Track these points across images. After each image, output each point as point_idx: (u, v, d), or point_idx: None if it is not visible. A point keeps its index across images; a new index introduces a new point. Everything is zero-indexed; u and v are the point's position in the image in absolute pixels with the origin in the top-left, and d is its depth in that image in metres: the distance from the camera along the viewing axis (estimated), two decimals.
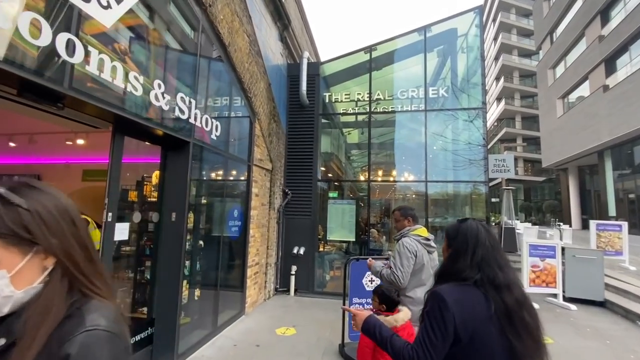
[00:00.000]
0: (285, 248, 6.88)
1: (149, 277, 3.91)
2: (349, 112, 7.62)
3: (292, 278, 6.69)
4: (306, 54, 7.12)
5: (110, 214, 3.03)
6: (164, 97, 3.29)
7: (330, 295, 6.57)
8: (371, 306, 2.76)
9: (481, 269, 1.22)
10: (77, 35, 2.34)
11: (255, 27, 5.48)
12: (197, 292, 4.52)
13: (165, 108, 3.34)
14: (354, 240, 7.25)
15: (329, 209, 7.24)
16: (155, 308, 3.71)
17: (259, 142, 5.82)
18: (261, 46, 5.75)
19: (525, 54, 35.08)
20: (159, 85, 3.23)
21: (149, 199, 4.25)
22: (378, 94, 7.29)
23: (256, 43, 5.54)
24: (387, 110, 7.33)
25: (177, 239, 3.73)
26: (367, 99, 7.26)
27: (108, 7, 2.61)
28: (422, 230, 2.89)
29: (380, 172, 8.16)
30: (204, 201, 4.65)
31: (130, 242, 4.33)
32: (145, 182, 4.37)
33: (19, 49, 1.99)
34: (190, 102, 3.77)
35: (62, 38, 2.22)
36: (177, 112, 3.54)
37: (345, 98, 7.47)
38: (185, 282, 4.40)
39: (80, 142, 5.61)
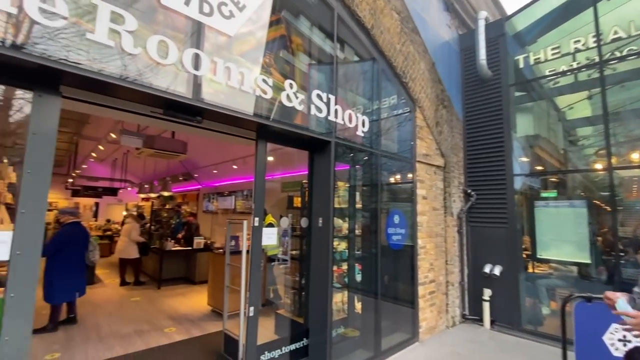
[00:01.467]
0: (473, 265, 5.41)
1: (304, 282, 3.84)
2: (562, 71, 5.26)
3: (486, 305, 5.11)
4: (483, 14, 5.52)
5: (257, 219, 3.09)
6: (297, 97, 3.14)
7: (548, 338, 4.53)
8: None
9: None
10: (201, 49, 2.47)
11: (406, 1, 4.68)
12: (358, 306, 4.10)
13: (299, 108, 3.17)
14: (588, 261, 4.78)
15: (538, 214, 5.14)
16: (309, 317, 3.55)
17: (422, 133, 4.87)
18: (418, 22, 4.86)
19: None
20: (291, 85, 3.10)
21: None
22: (615, 33, 4.63)
23: (410, 19, 4.72)
24: (636, 50, 4.51)
25: (324, 245, 3.45)
26: (595, 44, 4.75)
27: (231, 16, 2.68)
28: None
29: (634, 155, 5.12)
30: (358, 206, 4.24)
31: (295, 246, 4.50)
32: (306, 189, 4.45)
33: (154, 69, 2.24)
34: (328, 99, 3.47)
35: (188, 54, 2.38)
36: (313, 111, 3.31)
37: (553, 54, 5.21)
38: (345, 292, 4.10)
39: (270, 159, 6.63)
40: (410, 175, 4.70)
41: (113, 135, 5.47)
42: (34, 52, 1.81)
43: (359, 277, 4.18)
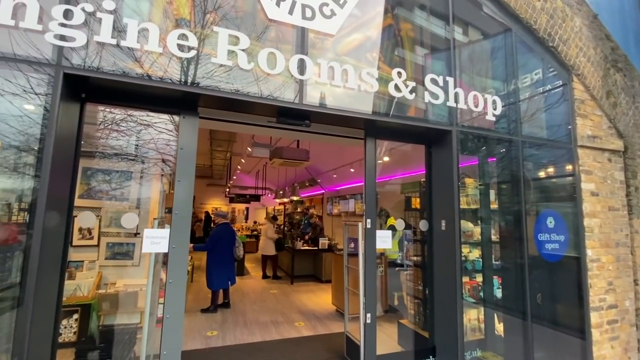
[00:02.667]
0: None
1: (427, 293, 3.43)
2: None
3: None
4: None
5: (369, 220, 2.95)
6: (406, 86, 2.85)
7: None
8: None
9: None
10: (306, 53, 2.53)
11: None
12: (499, 327, 3.40)
13: (410, 97, 2.86)
14: None
15: None
16: (436, 333, 3.14)
17: (585, 109, 3.69)
18: None
19: None
20: (399, 74, 2.84)
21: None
22: None
23: None
24: None
25: (450, 251, 2.99)
26: None
27: (332, 15, 2.66)
28: None
29: None
30: (493, 206, 3.53)
31: (416, 250, 4.13)
32: (424, 188, 4.05)
33: (265, 80, 2.41)
34: (445, 82, 3.03)
35: (294, 60, 2.47)
36: (427, 98, 2.94)
37: None
38: (481, 308, 3.49)
39: (386, 159, 6.39)
40: (569, 166, 3.63)
41: (249, 149, 6.43)
42: (199, 84, 2.20)
43: (498, 293, 3.47)
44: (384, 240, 2.98)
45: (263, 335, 4.49)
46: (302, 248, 8.08)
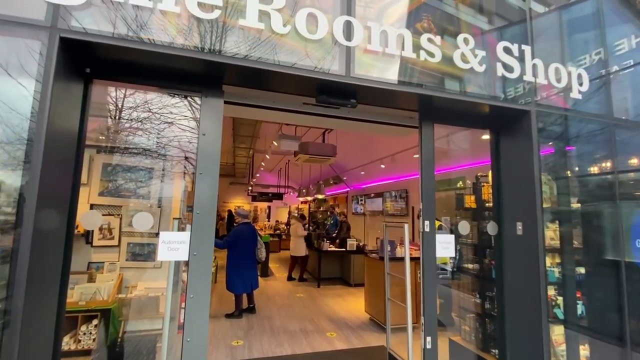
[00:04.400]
0: None
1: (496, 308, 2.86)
2: None
3: None
4: None
5: (427, 223, 2.42)
6: (475, 55, 2.29)
7: None
8: None
9: None
10: (353, 14, 2.03)
11: None
12: (585, 350, 2.78)
13: (480, 69, 2.30)
14: None
15: None
16: (508, 358, 2.57)
17: None
18: None
19: None
20: (466, 41, 2.29)
21: (487, 205, 3.29)
22: None
23: None
24: None
25: (529, 259, 2.42)
26: None
27: None
28: None
29: None
30: (575, 205, 2.91)
31: (472, 259, 3.55)
32: (482, 183, 3.47)
33: (304, 47, 1.94)
34: (521, 51, 2.45)
35: (339, 23, 1.98)
36: (500, 71, 2.38)
37: None
38: (561, 328, 2.87)
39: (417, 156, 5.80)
40: None
41: (275, 143, 6.05)
42: (224, 52, 1.77)
43: (579, 309, 2.84)
44: (446, 247, 2.44)
45: (293, 347, 4.06)
46: (329, 249, 7.60)
